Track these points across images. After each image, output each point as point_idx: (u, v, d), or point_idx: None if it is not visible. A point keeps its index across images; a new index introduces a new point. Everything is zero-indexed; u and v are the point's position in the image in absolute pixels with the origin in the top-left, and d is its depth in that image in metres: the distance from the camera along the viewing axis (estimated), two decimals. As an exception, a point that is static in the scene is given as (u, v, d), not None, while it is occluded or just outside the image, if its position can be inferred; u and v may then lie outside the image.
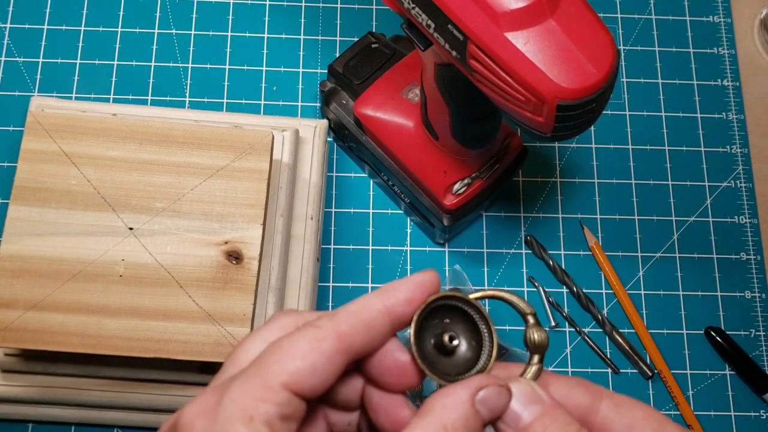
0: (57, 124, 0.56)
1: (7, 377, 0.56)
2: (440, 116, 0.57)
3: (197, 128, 0.57)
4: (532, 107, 0.45)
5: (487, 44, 0.44)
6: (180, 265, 0.54)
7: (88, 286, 0.53)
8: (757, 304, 0.66)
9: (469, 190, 0.61)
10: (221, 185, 0.56)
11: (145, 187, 0.55)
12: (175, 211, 0.55)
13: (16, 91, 0.69)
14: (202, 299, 0.53)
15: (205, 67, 0.70)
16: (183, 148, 0.56)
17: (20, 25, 0.71)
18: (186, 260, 0.54)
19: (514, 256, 0.67)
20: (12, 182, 0.60)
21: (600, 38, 0.44)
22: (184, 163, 0.56)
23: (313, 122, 0.64)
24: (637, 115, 0.72)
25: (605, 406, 0.35)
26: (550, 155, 0.70)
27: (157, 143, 0.56)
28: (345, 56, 0.65)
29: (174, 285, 0.54)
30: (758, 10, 0.76)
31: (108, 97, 0.69)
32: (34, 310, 0.52)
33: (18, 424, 0.60)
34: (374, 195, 0.68)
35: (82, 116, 0.57)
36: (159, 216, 0.55)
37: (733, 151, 0.71)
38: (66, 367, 0.56)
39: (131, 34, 0.71)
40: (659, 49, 0.74)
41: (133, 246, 0.54)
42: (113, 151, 0.56)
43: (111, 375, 0.56)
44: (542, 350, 0.35)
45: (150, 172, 0.56)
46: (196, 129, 0.57)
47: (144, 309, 0.53)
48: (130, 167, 0.56)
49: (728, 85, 0.73)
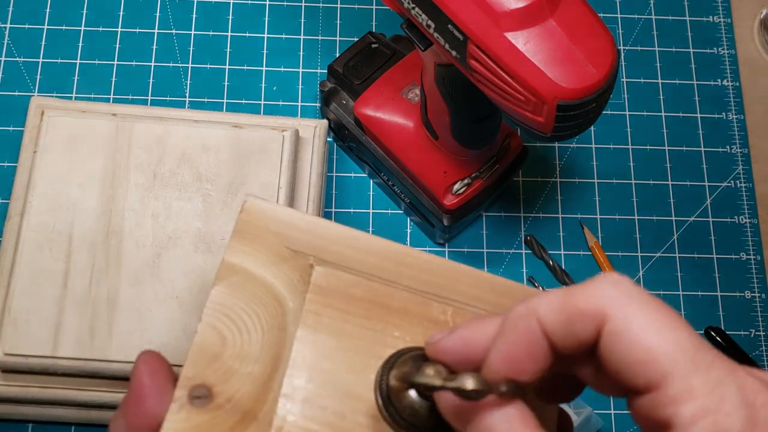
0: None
1: (7, 377, 0.56)
2: (440, 116, 0.57)
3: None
4: (532, 107, 0.45)
5: (487, 44, 0.44)
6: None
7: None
8: (757, 304, 0.66)
9: (469, 190, 0.61)
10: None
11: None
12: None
13: (16, 91, 0.69)
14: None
15: (205, 67, 0.70)
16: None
17: (20, 25, 0.71)
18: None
19: (514, 256, 0.67)
20: (12, 182, 0.60)
21: (600, 38, 0.44)
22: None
23: (313, 122, 0.64)
24: (637, 115, 0.72)
25: (606, 333, 0.29)
26: (550, 155, 0.70)
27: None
28: (345, 56, 0.65)
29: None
30: (758, 10, 0.76)
31: (108, 97, 0.69)
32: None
33: (18, 424, 0.60)
34: (374, 195, 0.68)
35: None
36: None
37: (733, 151, 0.71)
38: (66, 367, 0.56)
39: (131, 34, 0.71)
40: (659, 49, 0.74)
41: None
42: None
43: (111, 375, 0.56)
44: (485, 392, 0.30)
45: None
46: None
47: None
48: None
49: (728, 85, 0.73)
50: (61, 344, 0.55)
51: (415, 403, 0.32)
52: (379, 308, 0.36)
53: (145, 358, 0.34)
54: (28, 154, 0.60)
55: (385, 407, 0.32)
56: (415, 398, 0.32)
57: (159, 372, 0.34)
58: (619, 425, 0.62)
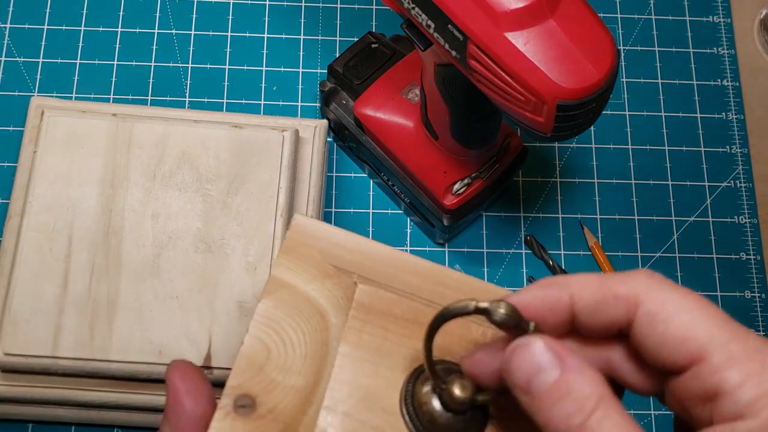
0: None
1: (7, 377, 0.56)
2: (440, 116, 0.57)
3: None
4: (532, 107, 0.45)
5: (487, 44, 0.44)
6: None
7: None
8: (757, 304, 0.66)
9: (469, 190, 0.61)
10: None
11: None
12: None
13: (16, 91, 0.69)
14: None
15: (205, 67, 0.70)
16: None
17: (20, 25, 0.71)
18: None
19: (514, 256, 0.67)
20: (12, 182, 0.60)
21: (600, 38, 0.44)
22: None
23: (313, 122, 0.64)
24: (637, 115, 0.72)
25: (641, 315, 0.30)
26: (550, 155, 0.70)
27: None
28: (345, 56, 0.65)
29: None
30: (758, 10, 0.76)
31: (108, 97, 0.69)
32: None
33: (18, 424, 0.60)
34: (374, 195, 0.68)
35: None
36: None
37: (733, 151, 0.71)
38: (66, 367, 0.56)
39: (131, 34, 0.71)
40: (659, 49, 0.74)
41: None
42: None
43: (111, 375, 0.56)
44: (516, 317, 0.31)
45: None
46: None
47: None
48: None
49: (728, 85, 0.73)
50: (61, 344, 0.55)
51: (435, 413, 0.33)
52: (419, 328, 0.37)
53: (175, 365, 0.36)
54: (28, 154, 0.60)
55: (410, 418, 0.34)
56: (437, 408, 0.33)
57: (190, 374, 0.35)
58: (619, 425, 0.62)
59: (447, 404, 0.33)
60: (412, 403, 0.34)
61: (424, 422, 0.34)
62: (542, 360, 0.30)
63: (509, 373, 0.30)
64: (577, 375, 0.29)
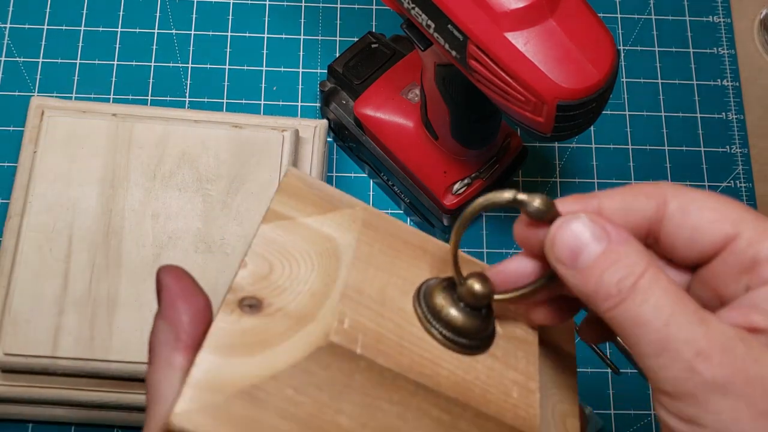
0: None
1: (7, 377, 0.56)
2: (440, 116, 0.57)
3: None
4: (532, 107, 0.45)
5: (487, 44, 0.44)
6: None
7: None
8: (757, 304, 0.66)
9: (469, 190, 0.61)
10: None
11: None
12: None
13: (16, 91, 0.69)
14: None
15: (205, 67, 0.70)
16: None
17: (20, 25, 0.71)
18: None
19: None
20: (12, 182, 0.60)
21: (600, 38, 0.44)
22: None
23: (313, 122, 0.64)
24: (637, 115, 0.72)
25: (673, 209, 0.32)
26: (550, 155, 0.70)
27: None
28: (345, 56, 0.65)
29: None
30: (758, 10, 0.76)
31: (108, 97, 0.69)
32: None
33: (18, 424, 0.60)
34: (374, 195, 0.68)
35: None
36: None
37: (733, 151, 0.71)
38: (66, 367, 0.56)
39: (131, 34, 0.71)
40: (659, 49, 0.74)
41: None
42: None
43: (111, 375, 0.56)
44: (552, 211, 0.32)
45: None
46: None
47: None
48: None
49: (728, 85, 0.73)
50: (61, 344, 0.55)
51: (450, 311, 0.34)
52: (428, 255, 0.37)
53: (166, 267, 0.34)
54: (28, 154, 0.60)
55: (425, 317, 0.34)
56: (452, 307, 0.34)
57: (183, 277, 0.34)
58: (619, 425, 0.62)
59: (465, 299, 0.34)
60: (427, 304, 0.34)
61: (439, 319, 0.34)
62: (588, 233, 0.31)
63: (554, 249, 0.32)
64: (623, 244, 0.31)
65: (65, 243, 0.57)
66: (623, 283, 0.30)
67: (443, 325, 0.34)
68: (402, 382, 0.32)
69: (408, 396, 0.32)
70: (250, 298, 0.33)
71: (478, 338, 0.34)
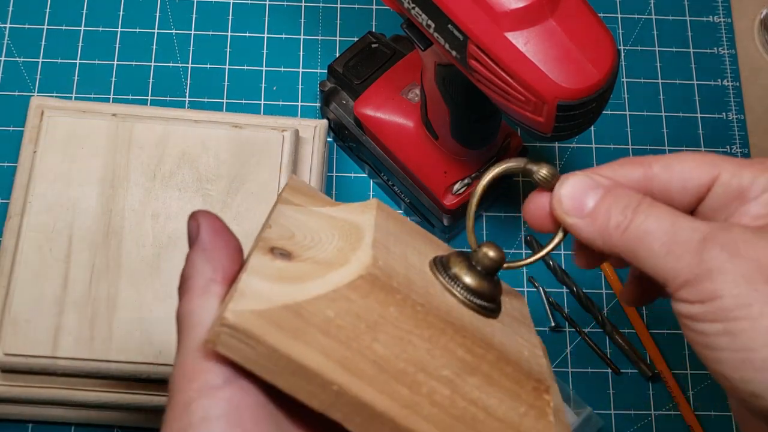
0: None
1: (7, 377, 0.56)
2: (440, 116, 0.57)
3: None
4: (532, 107, 0.45)
5: (487, 44, 0.44)
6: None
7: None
8: (757, 304, 0.66)
9: (469, 190, 0.61)
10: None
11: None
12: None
13: (16, 91, 0.69)
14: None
15: (205, 67, 0.70)
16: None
17: (20, 25, 0.71)
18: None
19: (514, 257, 0.67)
20: (12, 182, 0.60)
21: (600, 38, 0.44)
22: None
23: (313, 122, 0.64)
24: (637, 115, 0.72)
25: (657, 170, 0.37)
26: (550, 155, 0.70)
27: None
28: (345, 56, 0.65)
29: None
30: (758, 10, 0.76)
31: (108, 97, 0.69)
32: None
33: (18, 424, 0.60)
34: (374, 195, 0.68)
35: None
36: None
37: (733, 151, 0.71)
38: (66, 367, 0.56)
39: (131, 34, 0.71)
40: (659, 49, 0.74)
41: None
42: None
43: (111, 375, 0.56)
44: (557, 177, 0.38)
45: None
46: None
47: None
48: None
49: (728, 85, 0.73)
50: (61, 344, 0.55)
51: (465, 275, 0.37)
52: (433, 243, 0.41)
53: (201, 211, 0.35)
54: (27, 154, 0.60)
55: (443, 279, 0.37)
56: (466, 273, 0.37)
57: (219, 219, 0.35)
58: (619, 425, 0.62)
59: (482, 263, 0.37)
60: (445, 270, 0.37)
61: (458, 281, 0.37)
62: (585, 184, 0.37)
63: (561, 204, 0.37)
64: (617, 187, 0.36)
65: (65, 243, 0.57)
66: (627, 210, 0.35)
67: (462, 287, 0.37)
68: (432, 318, 0.34)
69: (437, 333, 0.34)
70: (280, 249, 0.34)
71: (493, 302, 0.38)
